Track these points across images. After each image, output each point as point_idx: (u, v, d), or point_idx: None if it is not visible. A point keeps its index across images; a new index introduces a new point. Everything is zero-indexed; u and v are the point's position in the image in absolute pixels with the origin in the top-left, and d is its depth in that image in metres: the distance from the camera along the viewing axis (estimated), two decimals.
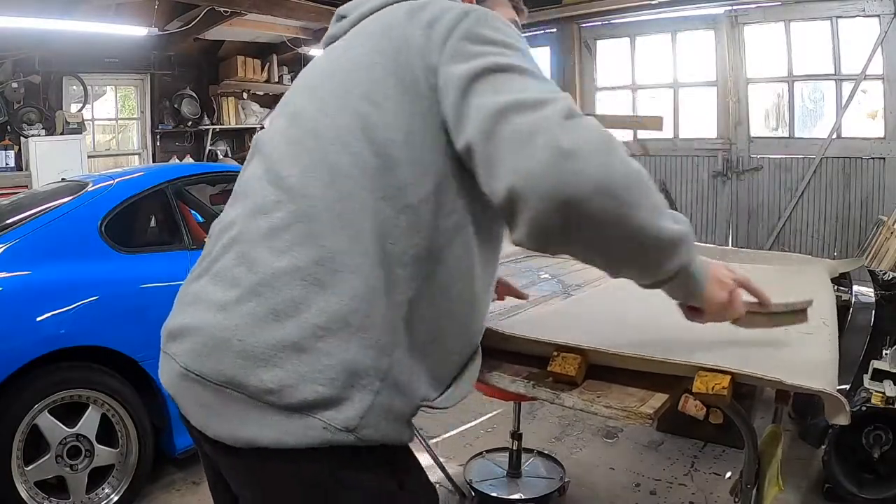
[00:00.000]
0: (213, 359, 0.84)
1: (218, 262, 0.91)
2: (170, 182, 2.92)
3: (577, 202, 0.74)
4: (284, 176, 0.89)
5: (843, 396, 0.92)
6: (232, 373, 0.82)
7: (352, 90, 0.90)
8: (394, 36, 0.90)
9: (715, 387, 0.94)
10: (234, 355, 0.82)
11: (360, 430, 0.80)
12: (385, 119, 0.86)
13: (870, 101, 5.45)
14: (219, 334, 0.84)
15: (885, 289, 2.73)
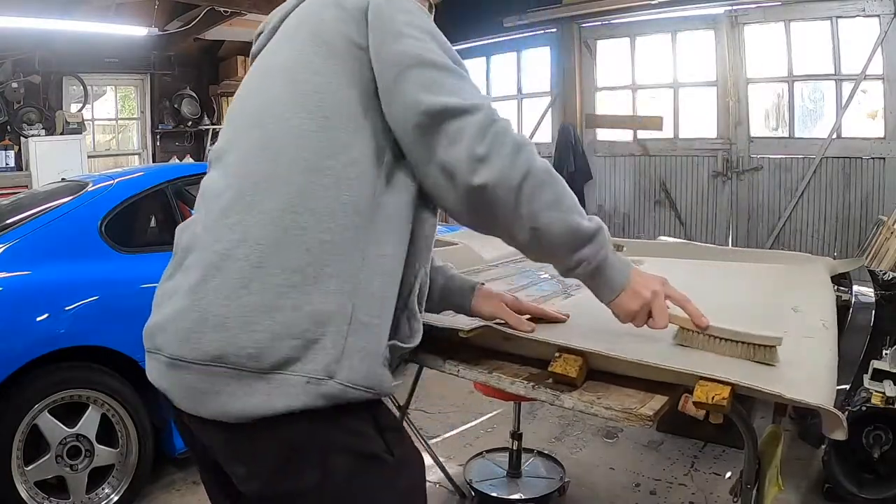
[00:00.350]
0: (193, 340, 0.87)
1: (186, 257, 0.96)
2: (170, 182, 2.93)
3: (480, 190, 0.90)
4: (229, 163, 0.97)
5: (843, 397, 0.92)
6: (212, 348, 0.85)
7: (279, 72, 0.98)
8: (310, 22, 0.99)
9: (715, 397, 0.94)
10: (212, 330, 0.86)
11: (339, 374, 0.85)
12: (315, 86, 0.94)
13: (870, 101, 5.45)
14: (194, 315, 0.88)
15: (885, 289, 2.73)
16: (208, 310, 0.87)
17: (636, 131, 6.59)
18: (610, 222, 6.84)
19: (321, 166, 0.90)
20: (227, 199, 0.93)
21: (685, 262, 2.02)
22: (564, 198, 0.95)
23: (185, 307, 0.90)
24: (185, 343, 0.88)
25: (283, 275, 0.87)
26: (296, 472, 0.87)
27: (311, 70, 0.95)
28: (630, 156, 6.53)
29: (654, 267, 1.95)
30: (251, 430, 0.85)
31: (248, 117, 1.00)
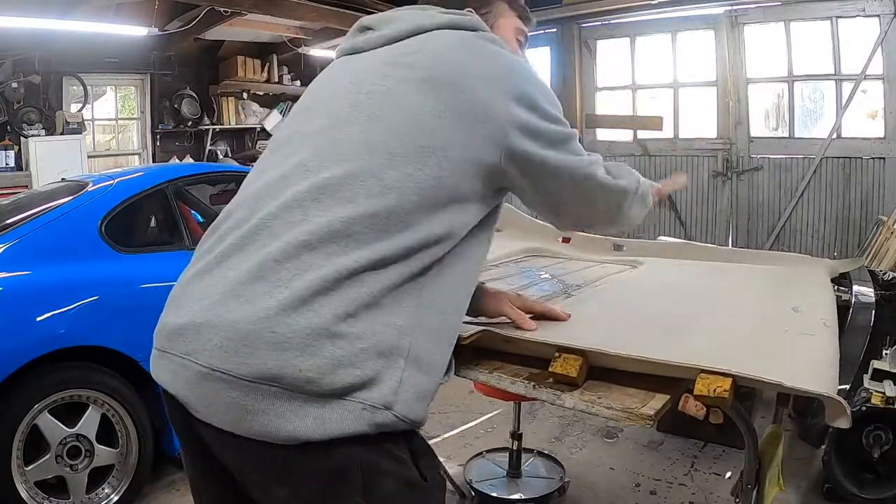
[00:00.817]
0: (242, 354, 0.83)
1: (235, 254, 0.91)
2: (170, 182, 2.92)
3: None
4: (325, 180, 0.92)
5: (843, 397, 0.92)
6: (267, 366, 0.82)
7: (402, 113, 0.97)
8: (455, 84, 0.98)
9: (717, 389, 0.94)
10: (268, 347, 0.82)
11: (395, 406, 0.85)
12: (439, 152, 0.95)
13: (870, 101, 5.45)
14: (246, 327, 0.83)
15: (885, 289, 2.73)
16: (267, 325, 0.83)
17: (636, 131, 6.59)
18: None
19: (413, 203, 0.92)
20: (314, 226, 0.89)
21: (685, 263, 2.02)
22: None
23: (235, 317, 0.85)
24: (233, 356, 0.83)
25: (351, 303, 0.85)
26: (341, 494, 0.87)
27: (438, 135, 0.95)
28: (630, 156, 6.53)
29: (653, 267, 1.95)
30: (298, 451, 0.84)
31: (350, 136, 0.97)
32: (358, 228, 0.88)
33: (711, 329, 1.26)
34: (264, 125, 7.76)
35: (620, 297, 1.57)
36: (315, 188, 0.92)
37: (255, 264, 0.88)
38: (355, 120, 0.97)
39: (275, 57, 7.58)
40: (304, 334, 0.82)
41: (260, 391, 0.82)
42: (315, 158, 0.96)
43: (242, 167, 6.05)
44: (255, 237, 0.91)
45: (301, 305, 0.83)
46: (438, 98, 0.96)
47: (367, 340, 0.85)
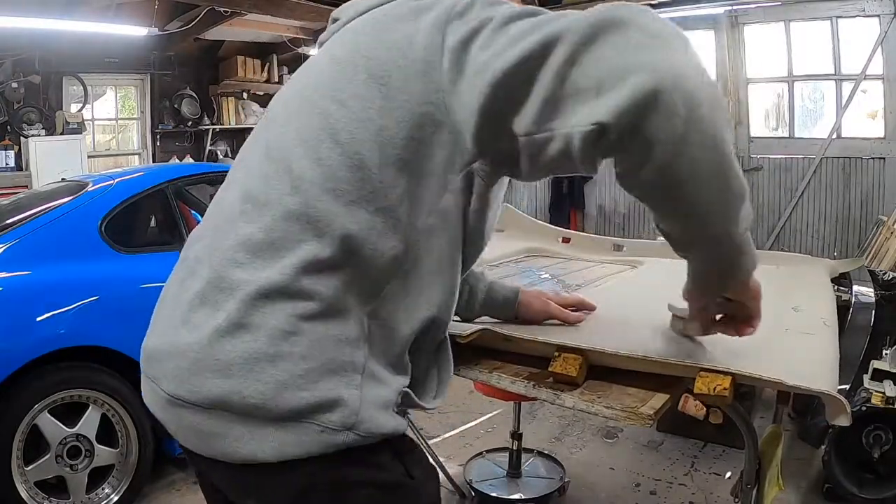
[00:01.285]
0: (193, 381, 0.80)
1: (189, 277, 0.88)
2: (170, 182, 2.93)
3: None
4: (250, 188, 0.87)
5: (844, 397, 0.92)
6: (214, 393, 0.78)
7: (319, 89, 0.87)
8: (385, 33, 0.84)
9: (716, 388, 0.93)
10: (213, 375, 0.79)
11: (358, 427, 0.79)
12: (351, 117, 0.82)
13: (870, 101, 5.45)
14: (194, 355, 0.80)
15: (885, 289, 2.73)
16: (210, 353, 0.79)
17: None
18: (610, 222, 6.84)
19: (354, 213, 0.81)
20: (245, 235, 0.83)
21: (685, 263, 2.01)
22: None
23: (185, 344, 0.82)
24: (183, 384, 0.81)
25: (290, 321, 0.78)
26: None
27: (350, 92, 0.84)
28: None
29: (654, 267, 1.95)
30: (262, 471, 0.80)
31: (274, 130, 0.90)
32: (278, 234, 0.81)
33: None
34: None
35: (620, 297, 1.57)
36: (242, 197, 0.87)
37: (200, 288, 0.84)
38: (279, 117, 0.92)
39: (275, 57, 7.58)
40: (243, 359, 0.77)
41: (215, 415, 0.79)
42: (249, 164, 0.91)
43: None
44: (204, 257, 0.88)
45: (237, 329, 0.78)
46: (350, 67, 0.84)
47: (314, 360, 0.78)
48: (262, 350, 0.77)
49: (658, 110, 0.65)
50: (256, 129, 1.00)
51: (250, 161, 0.92)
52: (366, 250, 0.81)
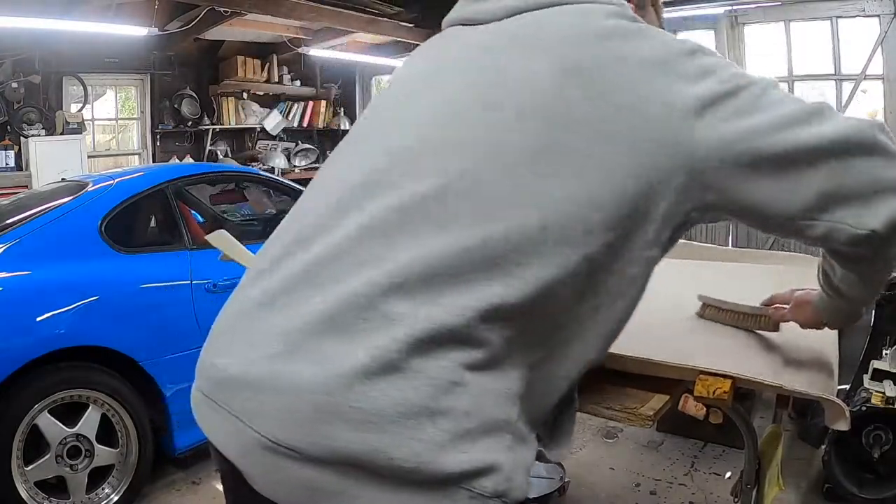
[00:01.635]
0: (317, 431, 0.64)
1: (305, 287, 0.71)
2: (170, 182, 2.93)
3: None
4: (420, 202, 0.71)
5: (843, 398, 0.92)
6: (349, 450, 0.63)
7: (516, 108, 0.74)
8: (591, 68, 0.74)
9: (716, 391, 0.94)
10: (349, 426, 0.63)
11: (508, 494, 0.68)
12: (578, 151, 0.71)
13: (870, 101, 5.44)
14: (320, 397, 0.64)
15: (885, 289, 2.73)
16: (347, 398, 0.63)
17: None
18: None
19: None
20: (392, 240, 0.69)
21: (685, 263, 2.01)
22: None
23: (308, 382, 0.65)
24: (302, 431, 0.65)
25: (457, 369, 0.66)
26: None
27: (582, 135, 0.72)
28: None
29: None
30: None
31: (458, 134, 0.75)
32: (461, 266, 0.67)
33: (711, 329, 1.26)
34: (264, 125, 7.76)
35: None
36: (405, 205, 0.71)
37: (329, 307, 0.67)
38: (469, 114, 0.76)
39: (275, 57, 7.57)
40: (396, 412, 0.63)
41: (339, 473, 0.65)
42: (409, 161, 0.75)
43: (242, 167, 6.06)
44: (330, 266, 0.71)
45: (391, 371, 0.64)
46: (582, 88, 0.73)
47: (477, 417, 0.66)
48: (423, 402, 0.64)
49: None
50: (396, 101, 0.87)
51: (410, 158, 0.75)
52: (557, 299, 0.71)
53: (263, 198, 4.06)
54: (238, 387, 0.70)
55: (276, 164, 7.39)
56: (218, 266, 2.24)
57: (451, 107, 0.78)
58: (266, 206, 4.08)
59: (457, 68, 0.82)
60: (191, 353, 2.59)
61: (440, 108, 0.78)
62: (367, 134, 0.85)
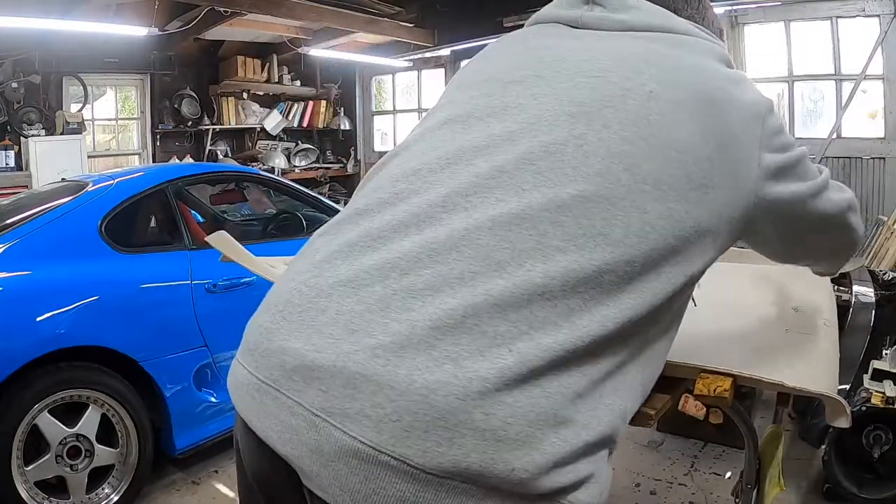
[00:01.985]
0: (435, 438, 0.58)
1: (410, 271, 0.65)
2: (170, 182, 2.92)
3: None
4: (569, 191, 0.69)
5: (843, 397, 0.92)
6: (469, 459, 0.58)
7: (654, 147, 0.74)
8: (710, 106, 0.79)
9: (717, 389, 0.94)
10: (476, 435, 0.58)
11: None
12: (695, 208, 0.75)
13: (870, 101, 5.44)
14: (447, 402, 0.59)
15: (885, 289, 2.73)
16: (480, 403, 0.59)
17: None
18: None
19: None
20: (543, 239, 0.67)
21: None
22: None
23: (428, 382, 0.59)
24: (419, 439, 0.59)
25: (583, 380, 0.64)
26: None
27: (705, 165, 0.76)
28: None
29: None
30: None
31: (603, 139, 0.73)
32: (610, 278, 0.67)
33: (711, 329, 1.26)
34: (264, 125, 7.76)
35: None
36: (555, 205, 0.68)
37: (459, 303, 0.62)
38: (612, 120, 0.74)
39: (275, 57, 7.58)
40: (526, 420, 0.60)
41: (446, 488, 0.59)
42: (547, 154, 0.71)
43: (242, 167, 6.06)
44: (454, 252, 0.66)
45: (528, 379, 0.61)
46: (704, 122, 0.77)
47: (593, 430, 0.65)
48: (552, 411, 0.61)
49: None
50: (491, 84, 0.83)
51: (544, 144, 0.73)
52: (661, 315, 0.74)
53: (263, 198, 4.06)
54: (324, 378, 0.62)
55: (276, 164, 7.40)
56: (218, 266, 2.24)
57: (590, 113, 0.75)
58: (266, 206, 4.08)
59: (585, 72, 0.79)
60: (191, 353, 2.59)
61: (577, 112, 0.75)
62: (471, 117, 0.79)
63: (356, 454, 0.60)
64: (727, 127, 0.78)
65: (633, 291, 0.68)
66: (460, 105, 0.82)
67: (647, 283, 0.70)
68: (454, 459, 0.58)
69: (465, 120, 0.79)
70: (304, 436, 0.63)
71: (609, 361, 0.67)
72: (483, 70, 0.88)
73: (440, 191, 0.71)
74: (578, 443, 0.63)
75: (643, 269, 0.69)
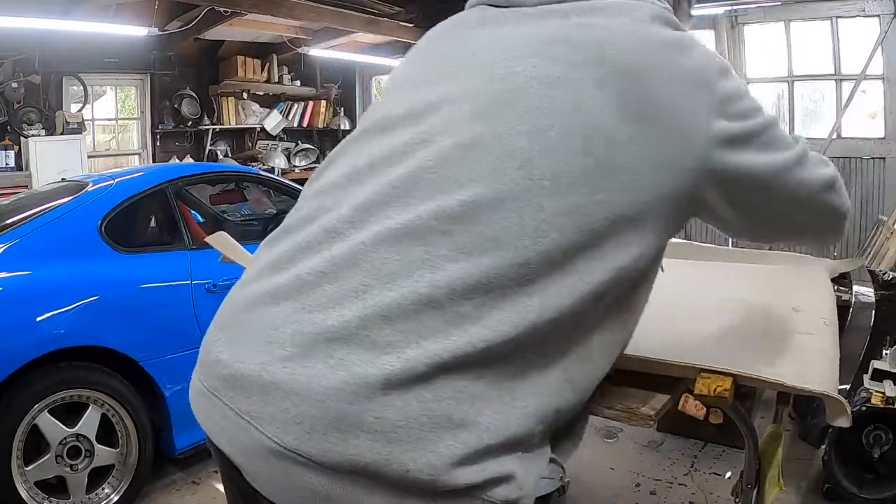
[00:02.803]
0: (333, 439, 0.63)
1: (318, 285, 0.69)
2: (170, 182, 2.92)
3: None
4: (459, 197, 0.69)
5: (844, 397, 0.92)
6: (364, 459, 0.62)
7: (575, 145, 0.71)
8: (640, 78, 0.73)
9: (717, 389, 0.94)
10: (369, 436, 0.62)
11: (520, 501, 0.68)
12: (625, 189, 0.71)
13: (870, 101, 5.44)
14: (339, 406, 0.63)
15: (885, 289, 2.72)
16: (370, 407, 0.62)
17: None
18: None
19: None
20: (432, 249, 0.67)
21: (685, 263, 2.01)
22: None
23: (325, 387, 0.63)
24: (318, 439, 0.63)
25: (481, 383, 0.65)
26: None
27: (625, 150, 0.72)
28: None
29: None
30: None
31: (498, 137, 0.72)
32: (502, 282, 0.66)
33: (712, 329, 1.26)
34: (264, 125, 7.76)
35: None
36: (445, 214, 0.68)
37: (354, 315, 0.66)
38: (510, 115, 0.72)
39: (275, 57, 7.57)
40: (418, 423, 0.62)
41: (350, 481, 0.64)
42: (441, 161, 0.71)
43: (242, 167, 6.06)
44: (354, 268, 0.68)
45: (416, 383, 0.63)
46: (621, 97, 0.72)
47: (498, 433, 0.65)
48: (445, 415, 0.63)
49: None
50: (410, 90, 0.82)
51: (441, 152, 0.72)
52: (585, 313, 0.71)
53: (263, 198, 4.06)
54: (245, 385, 0.68)
55: (276, 164, 7.39)
56: (218, 266, 2.24)
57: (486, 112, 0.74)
58: (266, 206, 4.09)
59: (487, 63, 0.78)
60: (191, 353, 2.58)
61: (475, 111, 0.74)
62: (384, 127, 0.80)
63: (273, 453, 0.65)
64: (656, 99, 0.73)
65: (535, 293, 0.67)
66: (378, 110, 0.84)
67: (553, 282, 0.68)
68: (352, 459, 0.63)
69: (381, 128, 0.80)
70: (238, 437, 0.69)
71: (516, 364, 0.67)
72: (405, 71, 0.89)
73: (351, 203, 0.73)
74: (479, 445, 0.64)
75: (542, 269, 0.67)
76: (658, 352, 1.03)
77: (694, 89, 0.75)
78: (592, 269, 0.70)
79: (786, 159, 0.81)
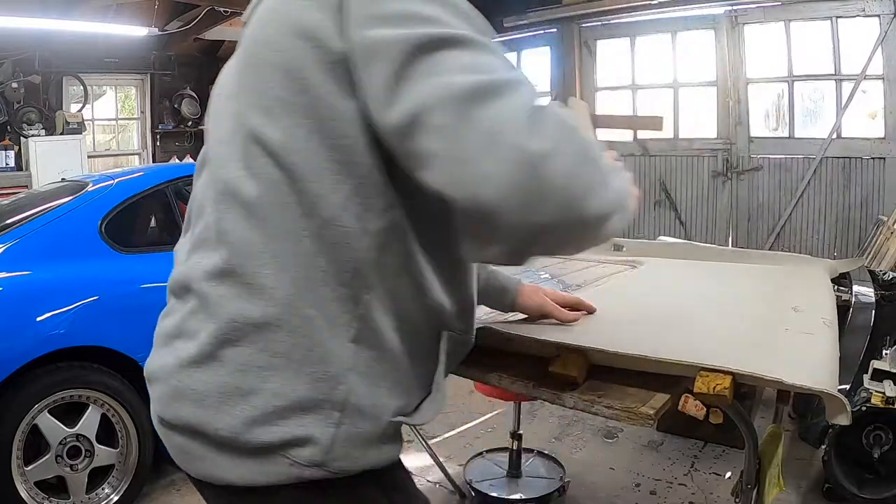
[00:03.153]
0: (174, 407, 0.82)
1: (181, 296, 0.86)
2: (170, 182, 2.92)
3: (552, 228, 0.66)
4: (208, 213, 0.84)
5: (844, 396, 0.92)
6: (191, 422, 0.80)
7: (241, 100, 0.81)
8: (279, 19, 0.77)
9: (716, 387, 0.94)
10: (191, 404, 0.79)
11: (329, 464, 0.77)
12: (278, 125, 0.75)
13: (870, 101, 5.45)
14: (174, 382, 0.82)
15: (885, 289, 2.73)
16: (186, 382, 0.80)
17: (636, 131, 6.59)
18: None
19: (299, 231, 0.76)
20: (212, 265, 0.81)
21: (685, 263, 2.02)
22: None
23: (167, 371, 0.84)
24: (168, 407, 0.83)
25: (262, 356, 0.76)
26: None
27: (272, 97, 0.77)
28: (630, 156, 6.53)
29: (654, 267, 1.95)
30: (242, 496, 0.80)
31: (211, 149, 0.89)
32: (224, 269, 0.79)
33: (712, 328, 1.26)
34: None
35: (620, 297, 1.57)
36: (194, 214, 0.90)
37: (182, 315, 0.84)
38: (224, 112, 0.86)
39: None
40: (216, 392, 0.77)
41: (196, 439, 0.80)
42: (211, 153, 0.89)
43: None
44: (184, 280, 0.86)
45: (209, 359, 0.78)
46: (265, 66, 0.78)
47: (285, 398, 0.75)
48: (234, 384, 0.77)
49: None
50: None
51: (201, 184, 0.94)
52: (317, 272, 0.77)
53: None
54: (148, 378, 0.91)
55: None
56: None
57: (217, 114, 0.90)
58: None
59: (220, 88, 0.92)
60: None
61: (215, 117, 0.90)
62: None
63: (158, 422, 0.88)
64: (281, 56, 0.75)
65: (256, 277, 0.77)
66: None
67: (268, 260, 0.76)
68: (184, 419, 0.81)
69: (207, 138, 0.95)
70: (152, 413, 0.90)
71: (291, 336, 0.76)
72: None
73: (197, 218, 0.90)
74: (268, 408, 0.76)
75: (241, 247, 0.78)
76: (658, 351, 1.03)
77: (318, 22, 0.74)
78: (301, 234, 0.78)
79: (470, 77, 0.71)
